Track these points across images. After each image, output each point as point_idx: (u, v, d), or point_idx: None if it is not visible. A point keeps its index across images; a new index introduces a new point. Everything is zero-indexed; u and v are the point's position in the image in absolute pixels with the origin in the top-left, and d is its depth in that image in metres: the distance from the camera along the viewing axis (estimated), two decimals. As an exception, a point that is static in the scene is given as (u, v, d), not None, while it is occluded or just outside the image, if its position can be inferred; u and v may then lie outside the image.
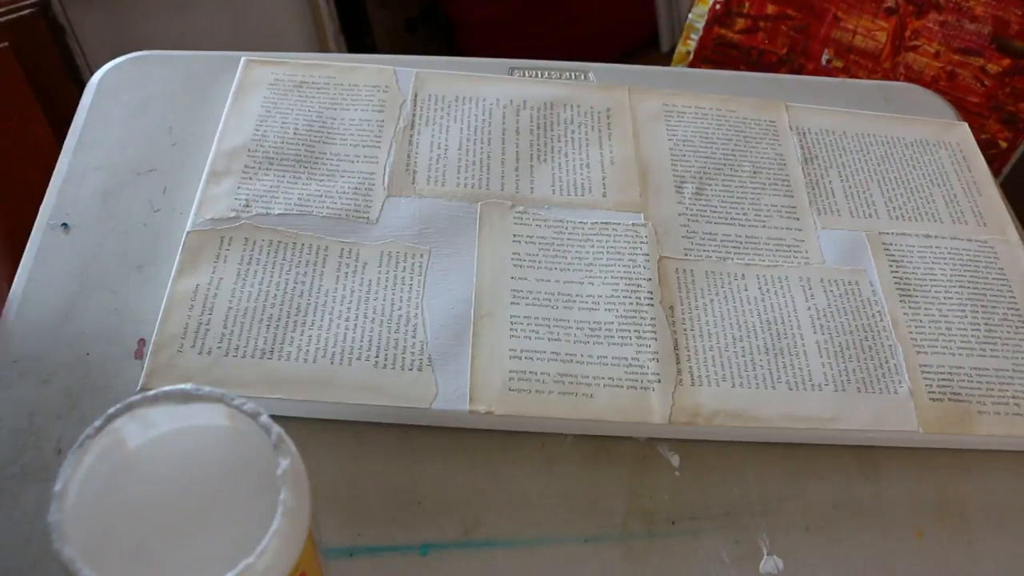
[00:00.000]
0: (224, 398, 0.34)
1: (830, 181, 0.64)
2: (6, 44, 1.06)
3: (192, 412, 0.35)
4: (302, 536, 0.33)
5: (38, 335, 0.51)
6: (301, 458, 0.34)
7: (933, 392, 0.52)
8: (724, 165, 0.64)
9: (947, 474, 0.50)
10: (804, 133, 0.67)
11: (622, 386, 0.50)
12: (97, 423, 0.33)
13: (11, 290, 0.53)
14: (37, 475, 0.46)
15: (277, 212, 0.57)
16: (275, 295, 0.53)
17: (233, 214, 0.56)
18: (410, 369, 0.50)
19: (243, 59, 0.66)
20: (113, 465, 0.34)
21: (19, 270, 0.54)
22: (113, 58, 0.68)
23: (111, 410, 0.34)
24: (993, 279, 0.59)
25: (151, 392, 0.34)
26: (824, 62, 1.08)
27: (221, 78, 0.65)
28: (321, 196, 0.58)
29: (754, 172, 0.64)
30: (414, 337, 0.51)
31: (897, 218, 0.62)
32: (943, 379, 0.53)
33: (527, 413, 0.49)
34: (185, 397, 0.34)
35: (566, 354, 0.51)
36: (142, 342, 0.51)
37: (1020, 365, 0.54)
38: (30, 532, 0.44)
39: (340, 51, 1.45)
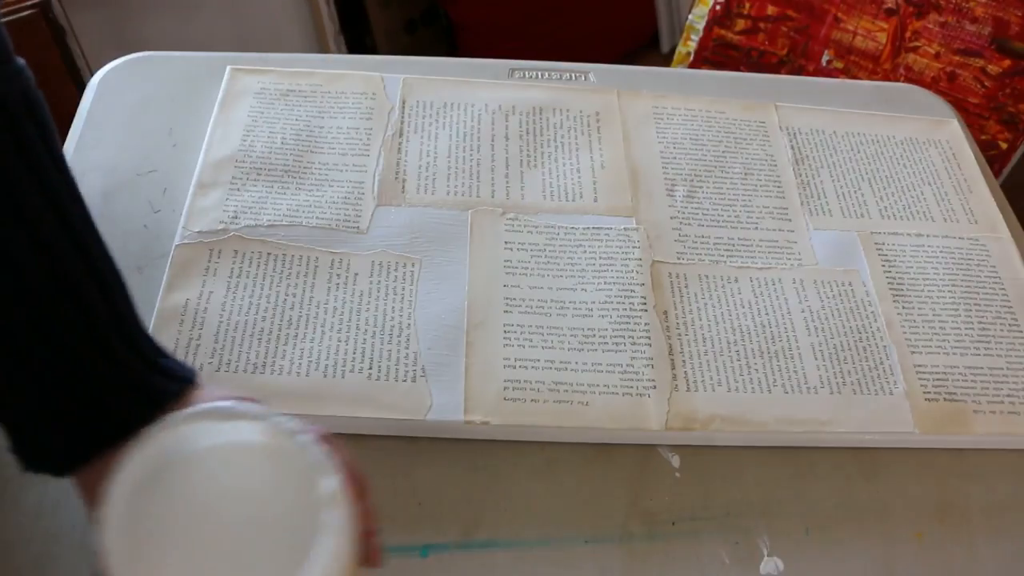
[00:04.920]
0: (266, 416, 0.33)
1: (821, 181, 0.64)
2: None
3: (232, 429, 0.33)
4: (348, 553, 0.31)
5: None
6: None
7: (928, 392, 0.52)
8: (715, 167, 0.64)
9: (946, 475, 0.50)
10: (794, 133, 0.67)
11: (617, 393, 0.50)
12: (137, 440, 0.32)
13: None
14: (37, 476, 0.45)
15: (266, 223, 0.56)
16: (266, 308, 0.52)
17: (222, 226, 0.56)
18: (404, 380, 0.50)
19: (228, 68, 0.66)
20: (153, 484, 0.32)
21: None
22: (113, 58, 0.67)
23: (150, 427, 0.32)
24: (985, 277, 0.59)
25: (191, 409, 0.33)
26: (824, 63, 1.08)
27: (221, 79, 0.65)
28: (310, 206, 0.58)
29: (745, 174, 0.64)
30: (407, 348, 0.51)
31: (889, 217, 0.62)
32: (938, 379, 0.53)
33: (522, 422, 0.49)
34: (226, 415, 0.33)
35: (560, 362, 0.51)
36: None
37: (1014, 363, 0.54)
38: (31, 533, 0.44)
39: (340, 52, 1.44)
